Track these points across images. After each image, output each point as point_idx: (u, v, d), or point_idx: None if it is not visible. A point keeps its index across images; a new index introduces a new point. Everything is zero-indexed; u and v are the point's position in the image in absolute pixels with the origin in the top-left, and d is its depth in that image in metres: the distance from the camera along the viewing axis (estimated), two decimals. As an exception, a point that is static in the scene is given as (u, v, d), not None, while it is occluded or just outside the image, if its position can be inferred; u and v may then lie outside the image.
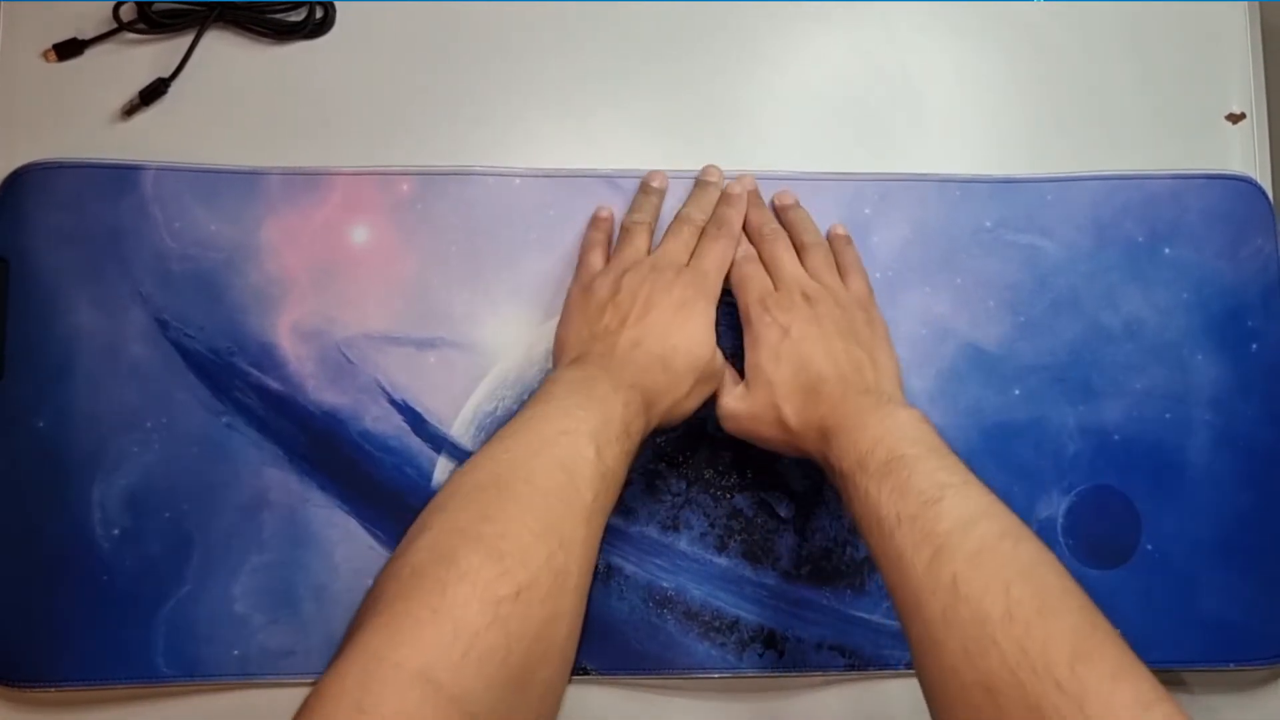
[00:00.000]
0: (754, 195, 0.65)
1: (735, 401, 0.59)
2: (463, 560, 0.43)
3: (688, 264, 0.61)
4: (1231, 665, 0.64)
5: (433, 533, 0.45)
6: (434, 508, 0.46)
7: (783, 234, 0.63)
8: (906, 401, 0.57)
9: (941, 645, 0.45)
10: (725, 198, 0.64)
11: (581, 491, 0.48)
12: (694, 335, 0.58)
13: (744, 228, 0.64)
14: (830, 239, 0.65)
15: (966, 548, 0.46)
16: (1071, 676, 0.41)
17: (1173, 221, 0.67)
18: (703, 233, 0.63)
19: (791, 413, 0.57)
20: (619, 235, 0.64)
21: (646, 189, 0.65)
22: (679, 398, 0.57)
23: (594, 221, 0.65)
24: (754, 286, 0.61)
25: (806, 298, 0.60)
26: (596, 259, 0.63)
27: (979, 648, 0.43)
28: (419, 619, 0.41)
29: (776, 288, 0.61)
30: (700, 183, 0.66)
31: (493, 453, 0.49)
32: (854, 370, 0.57)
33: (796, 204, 0.65)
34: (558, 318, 0.63)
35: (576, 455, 0.49)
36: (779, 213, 0.65)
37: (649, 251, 0.62)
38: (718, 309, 0.60)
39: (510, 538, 0.44)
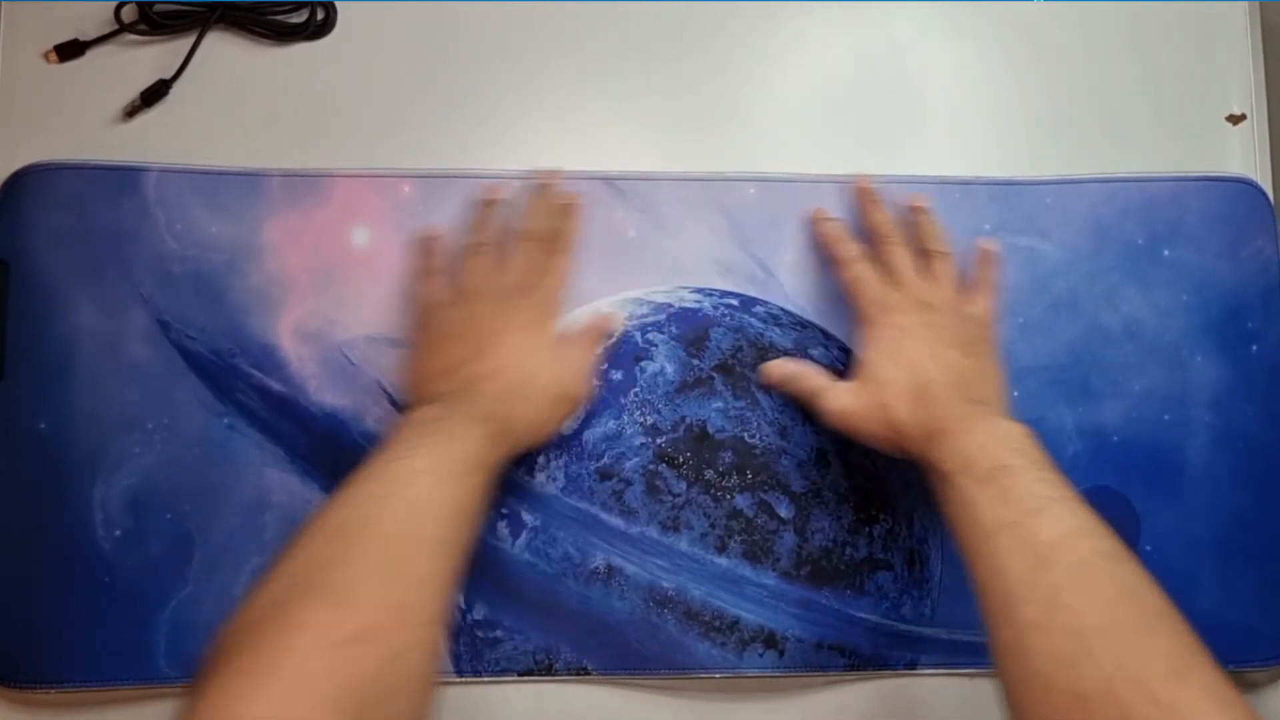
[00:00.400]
0: (870, 193, 0.65)
1: (845, 397, 0.60)
2: (300, 609, 0.44)
3: (533, 282, 0.61)
4: (1231, 667, 0.63)
5: (275, 583, 0.46)
6: (281, 556, 0.47)
7: (900, 237, 0.63)
8: (1008, 415, 0.58)
9: (1033, 650, 0.46)
10: (562, 207, 0.63)
11: (430, 529, 0.49)
12: (544, 357, 0.59)
13: (865, 226, 0.64)
14: (976, 255, 0.64)
15: (1068, 560, 0.48)
16: (1168, 692, 0.42)
17: (1172, 223, 0.67)
18: (546, 248, 0.62)
19: (902, 413, 0.57)
20: (463, 258, 0.62)
21: (487, 203, 0.64)
22: (537, 423, 0.58)
23: (423, 247, 0.63)
24: (869, 287, 0.62)
25: (924, 304, 0.60)
26: (436, 286, 0.62)
27: (1073, 657, 0.44)
28: (259, 671, 0.42)
29: (897, 290, 0.61)
30: (536, 188, 0.64)
31: (343, 498, 0.50)
32: (964, 380, 0.58)
33: (927, 209, 0.64)
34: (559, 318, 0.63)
35: (427, 494, 0.50)
36: (912, 210, 0.64)
37: (492, 272, 0.61)
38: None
39: (352, 582, 0.45)
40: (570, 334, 0.62)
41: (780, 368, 0.63)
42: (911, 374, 0.58)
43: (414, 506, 0.50)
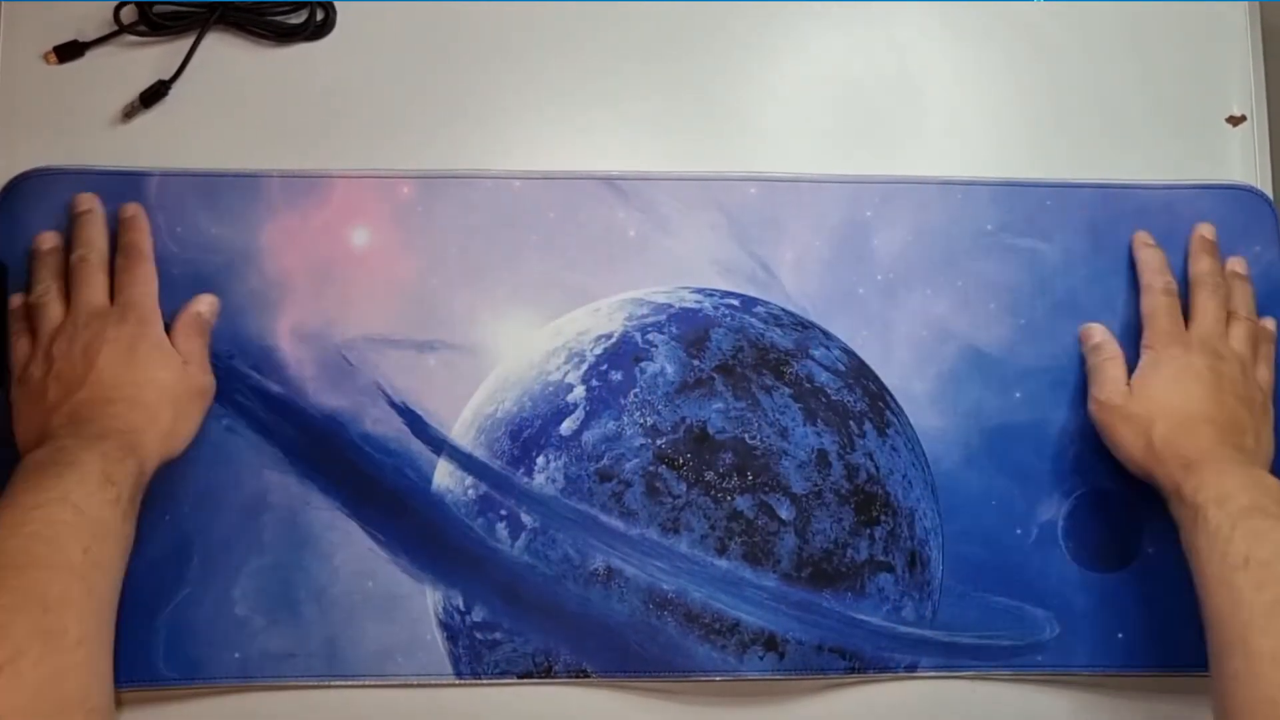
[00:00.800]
0: (1208, 242, 0.65)
1: (1116, 397, 0.61)
2: None
3: (111, 303, 0.60)
4: (1233, 668, 0.63)
5: None
6: None
7: (1223, 291, 0.64)
8: (1271, 472, 0.59)
9: (1264, 678, 0.49)
10: (122, 220, 0.62)
11: (67, 552, 0.50)
12: (150, 364, 0.58)
13: (1189, 270, 0.65)
14: (1261, 323, 0.65)
15: None
16: None
17: (1172, 228, 0.67)
18: (115, 267, 0.61)
19: (1162, 434, 0.59)
20: (32, 311, 0.60)
21: (38, 254, 0.62)
22: (166, 428, 0.58)
23: (11, 315, 0.62)
24: (1167, 317, 0.63)
25: (1215, 351, 0.61)
26: (23, 347, 0.60)
27: None
28: None
29: (1192, 331, 0.62)
30: (76, 217, 0.63)
31: None
32: (1238, 428, 0.59)
33: (1247, 275, 0.65)
34: (559, 319, 0.64)
35: (53, 521, 0.50)
36: (1229, 274, 0.65)
37: (61, 312, 0.60)
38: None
39: None
40: (173, 333, 0.61)
41: (1100, 333, 0.64)
42: (1187, 404, 0.59)
43: (43, 538, 0.49)
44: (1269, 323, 0.65)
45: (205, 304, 0.62)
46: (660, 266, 0.65)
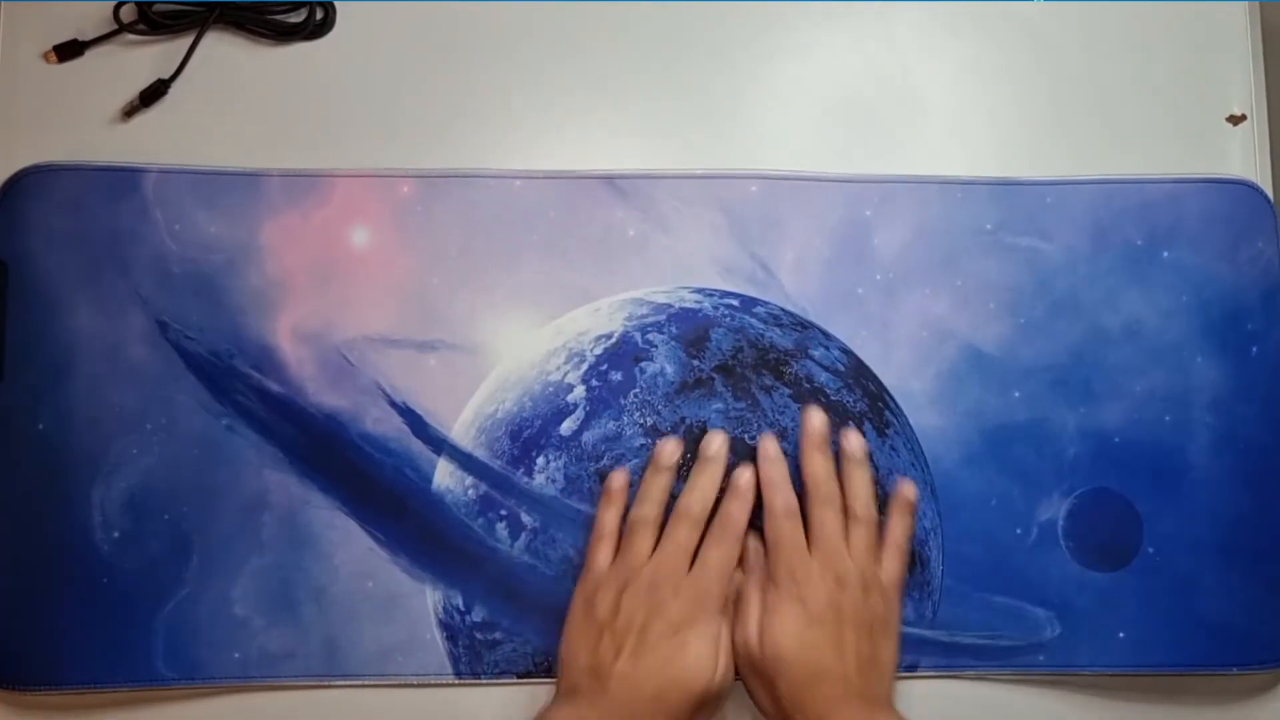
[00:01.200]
0: (817, 439, 0.62)
1: (750, 643, 0.59)
2: None
3: (690, 569, 0.60)
4: (1234, 670, 0.63)
5: None
6: None
7: (837, 499, 0.61)
8: (893, 703, 0.59)
9: None
10: (733, 490, 0.61)
11: None
12: (691, 665, 0.58)
13: (803, 473, 0.61)
14: (893, 501, 0.63)
15: None
16: None
17: (1172, 225, 0.67)
18: (706, 533, 0.60)
19: (787, 693, 0.57)
20: (626, 530, 0.61)
21: (656, 467, 0.62)
22: None
23: (607, 495, 0.62)
24: (786, 548, 0.60)
25: (838, 580, 0.59)
26: (603, 555, 0.61)
27: None
28: None
29: (810, 550, 0.60)
30: (701, 461, 0.62)
31: None
32: (857, 669, 0.58)
33: (865, 459, 0.62)
34: (559, 319, 0.64)
35: None
36: (842, 462, 0.62)
37: (653, 551, 0.60)
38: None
39: None
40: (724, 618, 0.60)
41: (754, 553, 0.61)
42: (806, 656, 0.57)
43: None
44: (907, 488, 0.62)
45: None
46: (660, 266, 0.65)
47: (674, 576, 0.59)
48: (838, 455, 0.62)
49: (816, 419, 0.62)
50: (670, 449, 0.62)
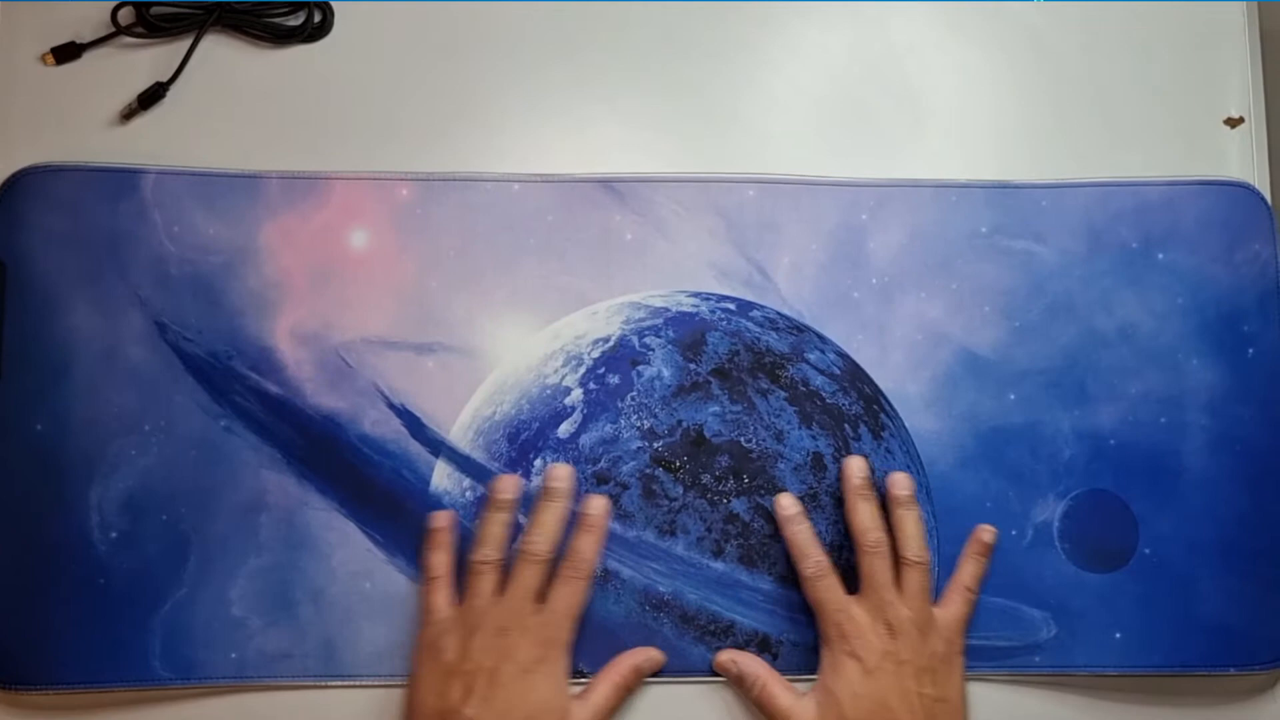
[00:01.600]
0: (863, 486, 0.62)
1: (804, 715, 0.59)
2: None
3: (536, 609, 0.59)
4: (1231, 670, 0.64)
5: None
6: None
7: (885, 546, 0.61)
8: None
9: None
10: (582, 524, 0.61)
11: None
12: (541, 702, 0.58)
13: (849, 523, 0.62)
14: (969, 542, 0.63)
15: None
16: None
17: (1168, 227, 0.67)
18: (557, 572, 0.60)
19: None
20: (466, 575, 0.60)
21: (495, 503, 0.61)
22: None
23: (432, 536, 0.61)
24: (828, 607, 0.60)
25: (890, 628, 0.59)
26: (441, 600, 0.60)
27: None
28: None
29: (860, 600, 0.60)
30: (544, 493, 0.61)
31: None
32: (924, 712, 0.58)
33: (913, 499, 0.62)
34: (557, 322, 0.64)
35: None
36: (890, 505, 0.62)
37: (498, 590, 0.60)
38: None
39: None
40: (600, 675, 0.61)
41: (736, 664, 0.62)
42: (870, 711, 0.58)
43: None
44: (985, 533, 0.63)
45: (655, 663, 0.62)
46: (657, 270, 0.65)
47: (521, 619, 0.59)
48: (883, 497, 0.63)
49: (856, 466, 0.62)
50: (507, 484, 0.62)
